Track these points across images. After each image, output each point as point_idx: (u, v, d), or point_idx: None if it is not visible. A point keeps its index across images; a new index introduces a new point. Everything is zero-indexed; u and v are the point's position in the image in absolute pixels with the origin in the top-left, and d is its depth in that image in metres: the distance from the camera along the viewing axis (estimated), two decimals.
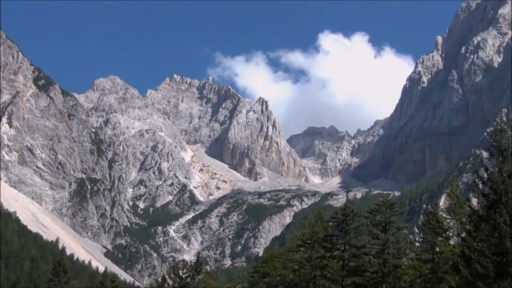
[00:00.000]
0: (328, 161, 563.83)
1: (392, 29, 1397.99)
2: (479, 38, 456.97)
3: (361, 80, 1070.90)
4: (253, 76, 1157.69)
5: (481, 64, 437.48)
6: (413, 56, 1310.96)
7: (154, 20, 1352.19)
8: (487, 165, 39.59)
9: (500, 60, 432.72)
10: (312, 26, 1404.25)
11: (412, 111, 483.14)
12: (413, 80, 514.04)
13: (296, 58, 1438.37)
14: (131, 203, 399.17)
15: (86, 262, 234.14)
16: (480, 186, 39.40)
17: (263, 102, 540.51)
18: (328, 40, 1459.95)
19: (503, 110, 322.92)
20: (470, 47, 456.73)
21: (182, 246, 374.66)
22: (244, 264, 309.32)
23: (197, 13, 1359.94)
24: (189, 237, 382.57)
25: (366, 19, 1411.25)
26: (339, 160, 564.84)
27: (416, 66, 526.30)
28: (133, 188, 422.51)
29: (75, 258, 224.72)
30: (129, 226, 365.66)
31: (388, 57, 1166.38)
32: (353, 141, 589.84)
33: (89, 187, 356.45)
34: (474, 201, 40.38)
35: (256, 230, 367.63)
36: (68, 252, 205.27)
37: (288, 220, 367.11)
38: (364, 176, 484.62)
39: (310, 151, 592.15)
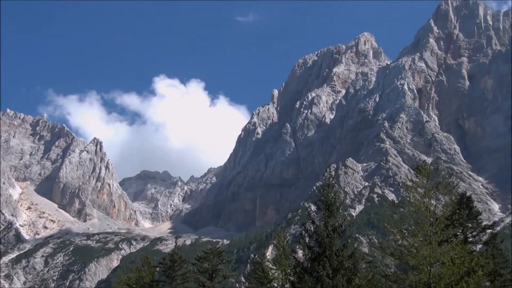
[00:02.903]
0: (159, 206, 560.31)
1: (227, 79, 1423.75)
2: (313, 94, 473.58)
3: (196, 127, 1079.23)
4: (87, 116, 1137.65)
5: (314, 120, 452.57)
6: (248, 106, 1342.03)
7: None
8: (314, 219, 40.57)
9: (332, 116, 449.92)
10: (148, 69, 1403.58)
11: (246, 161, 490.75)
12: (248, 131, 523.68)
13: (131, 100, 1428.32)
14: None
15: None
16: (306, 238, 40.26)
17: (97, 142, 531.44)
18: (163, 84, 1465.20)
19: (332, 165, 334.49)
20: (304, 102, 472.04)
21: (4, 286, 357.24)
22: None
23: (27, 48, 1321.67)
24: (11, 277, 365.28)
25: (202, 67, 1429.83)
26: (170, 205, 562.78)
27: (252, 117, 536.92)
28: None
29: None
30: None
31: (222, 106, 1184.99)
32: (185, 187, 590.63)
33: None
34: (300, 253, 41.14)
35: (82, 272, 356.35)
36: None
37: (115, 263, 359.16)
38: (195, 223, 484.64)
39: (142, 195, 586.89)
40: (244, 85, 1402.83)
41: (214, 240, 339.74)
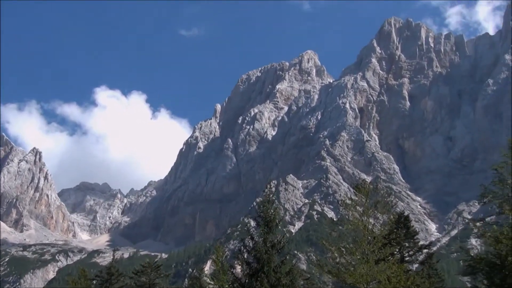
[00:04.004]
0: (98, 218, 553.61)
1: (169, 92, 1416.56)
2: (256, 110, 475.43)
3: (137, 139, 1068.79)
4: (26, 125, 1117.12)
5: (256, 135, 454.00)
6: (190, 120, 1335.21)
7: None
8: (253, 234, 40.47)
9: (274, 133, 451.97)
10: (89, 79, 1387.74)
11: (186, 175, 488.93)
12: (189, 145, 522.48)
13: (72, 110, 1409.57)
14: None
15: None
16: (245, 254, 40.11)
17: (36, 152, 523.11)
18: (105, 95, 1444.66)
19: (272, 181, 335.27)
20: (247, 118, 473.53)
21: None
22: None
23: None
24: None
25: (144, 79, 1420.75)
26: (109, 217, 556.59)
27: (194, 131, 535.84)
28: None
29: None
30: None
31: (164, 118, 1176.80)
32: (125, 200, 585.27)
33: None
34: (238, 269, 40.95)
35: (17, 284, 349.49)
36: None
37: (51, 275, 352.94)
38: (133, 236, 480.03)
39: (81, 207, 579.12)
40: (186, 98, 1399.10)
41: (153, 254, 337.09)
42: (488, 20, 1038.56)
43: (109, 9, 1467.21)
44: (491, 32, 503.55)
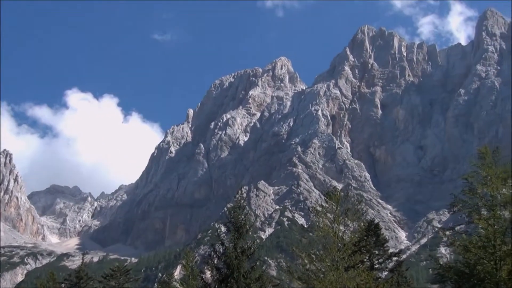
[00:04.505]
0: (68, 221, 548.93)
1: (141, 96, 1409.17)
2: (228, 116, 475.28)
3: (108, 143, 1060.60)
4: None
5: (228, 141, 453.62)
6: (161, 124, 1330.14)
7: None
8: (223, 240, 40.45)
9: (246, 139, 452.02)
10: (60, 81, 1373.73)
11: (158, 180, 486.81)
12: (161, 149, 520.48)
13: (43, 112, 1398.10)
14: None
15: None
16: (215, 259, 40.06)
17: (7, 154, 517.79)
18: (76, 98, 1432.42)
19: (243, 187, 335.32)
20: (219, 123, 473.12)
21: None
22: None
23: None
24: None
25: (116, 83, 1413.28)
26: (79, 221, 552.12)
27: (165, 136, 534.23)
28: None
29: None
30: None
31: (135, 122, 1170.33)
32: (95, 203, 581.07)
33: None
34: (208, 274, 40.88)
35: None
36: None
37: (20, 278, 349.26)
38: (103, 240, 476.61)
39: (50, 209, 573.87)
40: (158, 103, 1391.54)
41: (122, 258, 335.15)
42: (460, 30, 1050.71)
43: (82, 12, 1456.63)
44: (463, 42, 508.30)
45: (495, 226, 39.33)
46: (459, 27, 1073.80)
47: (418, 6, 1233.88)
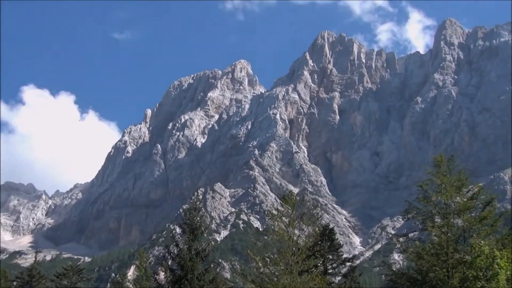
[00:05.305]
0: (21, 219, 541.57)
1: (98, 94, 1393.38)
2: (186, 117, 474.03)
3: (64, 140, 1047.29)
4: None
5: (185, 142, 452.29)
6: (118, 123, 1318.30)
7: None
8: (178, 241, 40.27)
9: (203, 140, 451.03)
10: (16, 77, 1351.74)
11: (113, 179, 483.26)
12: (118, 149, 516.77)
13: None
14: None
15: None
16: (169, 261, 39.87)
17: None
18: (32, 94, 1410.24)
19: (200, 189, 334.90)
20: (177, 124, 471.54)
21: None
22: None
23: None
24: None
25: (73, 80, 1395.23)
26: (33, 219, 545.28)
27: (123, 135, 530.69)
28: None
29: None
30: None
31: (92, 121, 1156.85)
32: (50, 202, 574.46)
33: None
34: (162, 275, 40.66)
35: None
36: None
37: None
38: (57, 238, 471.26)
39: (4, 206, 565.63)
40: (115, 102, 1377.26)
41: (76, 257, 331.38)
42: (418, 38, 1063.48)
43: (42, 9, 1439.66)
44: (421, 51, 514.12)
45: (448, 234, 39.76)
46: (417, 35, 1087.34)
47: (376, 13, 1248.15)
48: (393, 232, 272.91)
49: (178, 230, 41.43)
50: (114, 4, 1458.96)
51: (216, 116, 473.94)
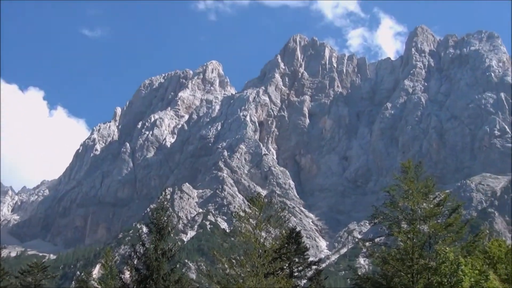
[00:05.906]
0: None
1: (68, 90, 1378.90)
2: (156, 116, 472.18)
3: (32, 136, 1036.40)
4: None
5: (154, 142, 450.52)
6: (87, 121, 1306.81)
7: None
8: (144, 241, 40.15)
9: (173, 140, 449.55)
10: None
11: (81, 177, 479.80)
12: (86, 146, 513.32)
13: None
14: None
15: None
16: (135, 260, 39.72)
17: None
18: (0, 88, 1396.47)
19: (168, 189, 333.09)
20: (146, 123, 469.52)
21: None
22: None
23: None
24: None
25: (42, 76, 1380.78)
26: None
27: (92, 133, 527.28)
28: None
29: None
30: None
31: (60, 117, 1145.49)
32: (16, 198, 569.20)
33: None
34: (127, 274, 40.48)
35: None
36: None
37: None
38: (22, 235, 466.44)
39: None
40: (85, 99, 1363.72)
41: (41, 254, 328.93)
42: (389, 44, 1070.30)
43: (11, 3, 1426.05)
44: (392, 57, 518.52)
45: (414, 240, 40.08)
46: (388, 41, 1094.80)
47: (348, 18, 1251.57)
48: (359, 236, 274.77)
49: (145, 229, 41.34)
50: (85, 1, 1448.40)
51: (186, 116, 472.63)
